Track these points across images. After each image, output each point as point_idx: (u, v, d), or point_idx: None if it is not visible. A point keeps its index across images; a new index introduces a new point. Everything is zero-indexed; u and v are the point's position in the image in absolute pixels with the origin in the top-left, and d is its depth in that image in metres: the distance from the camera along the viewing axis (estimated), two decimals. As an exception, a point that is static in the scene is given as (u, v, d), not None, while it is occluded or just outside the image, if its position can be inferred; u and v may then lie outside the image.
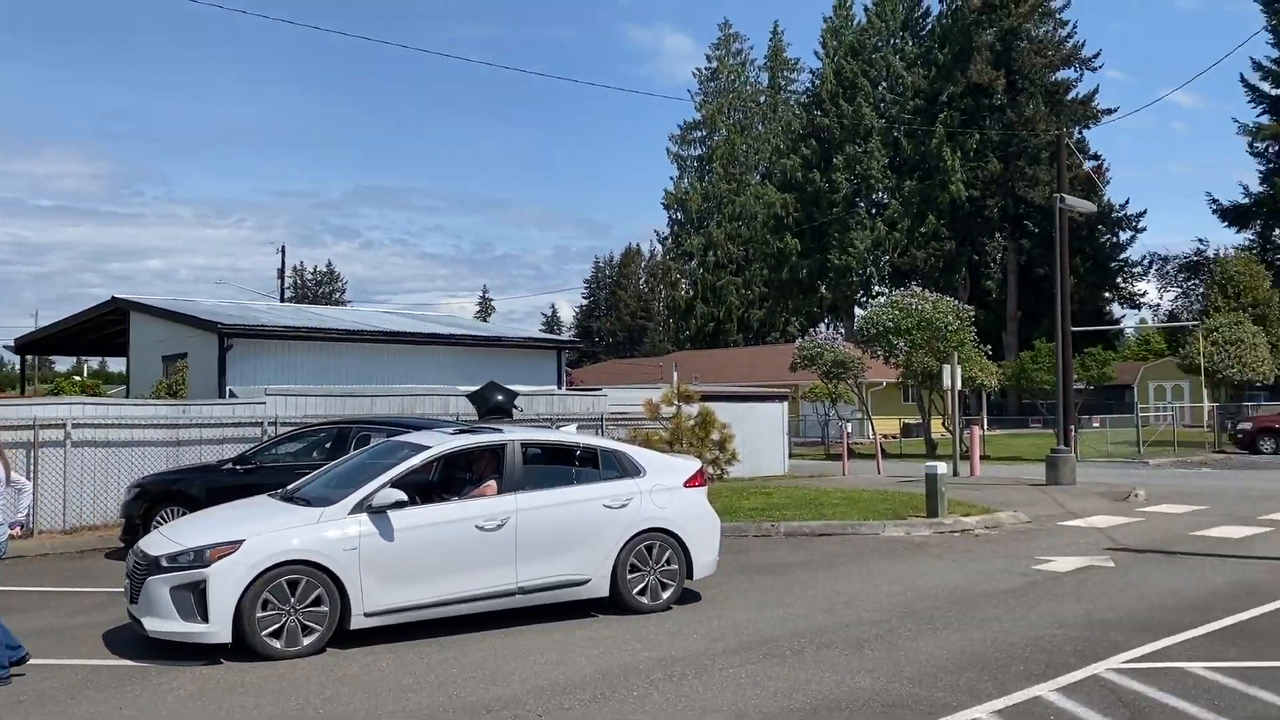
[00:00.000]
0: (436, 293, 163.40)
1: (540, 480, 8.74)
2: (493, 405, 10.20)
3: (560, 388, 21.76)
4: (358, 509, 7.88)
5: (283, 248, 55.16)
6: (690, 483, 9.30)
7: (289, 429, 14.71)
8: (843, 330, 58.06)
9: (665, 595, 8.86)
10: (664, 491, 9.02)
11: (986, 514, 14.33)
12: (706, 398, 22.11)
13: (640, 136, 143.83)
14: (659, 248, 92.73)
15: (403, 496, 7.93)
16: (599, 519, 8.66)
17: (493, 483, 8.52)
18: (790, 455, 37.94)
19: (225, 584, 7.35)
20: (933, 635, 7.70)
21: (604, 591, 8.66)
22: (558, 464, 9.11)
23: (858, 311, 35.96)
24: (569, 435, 9.60)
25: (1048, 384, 33.04)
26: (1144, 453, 32.75)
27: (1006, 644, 7.35)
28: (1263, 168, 55.75)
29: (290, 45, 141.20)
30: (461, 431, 9.21)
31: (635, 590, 8.75)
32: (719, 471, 16.42)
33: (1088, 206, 21.54)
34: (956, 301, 34.21)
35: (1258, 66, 55.20)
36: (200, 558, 7.46)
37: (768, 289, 75.24)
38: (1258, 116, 55.31)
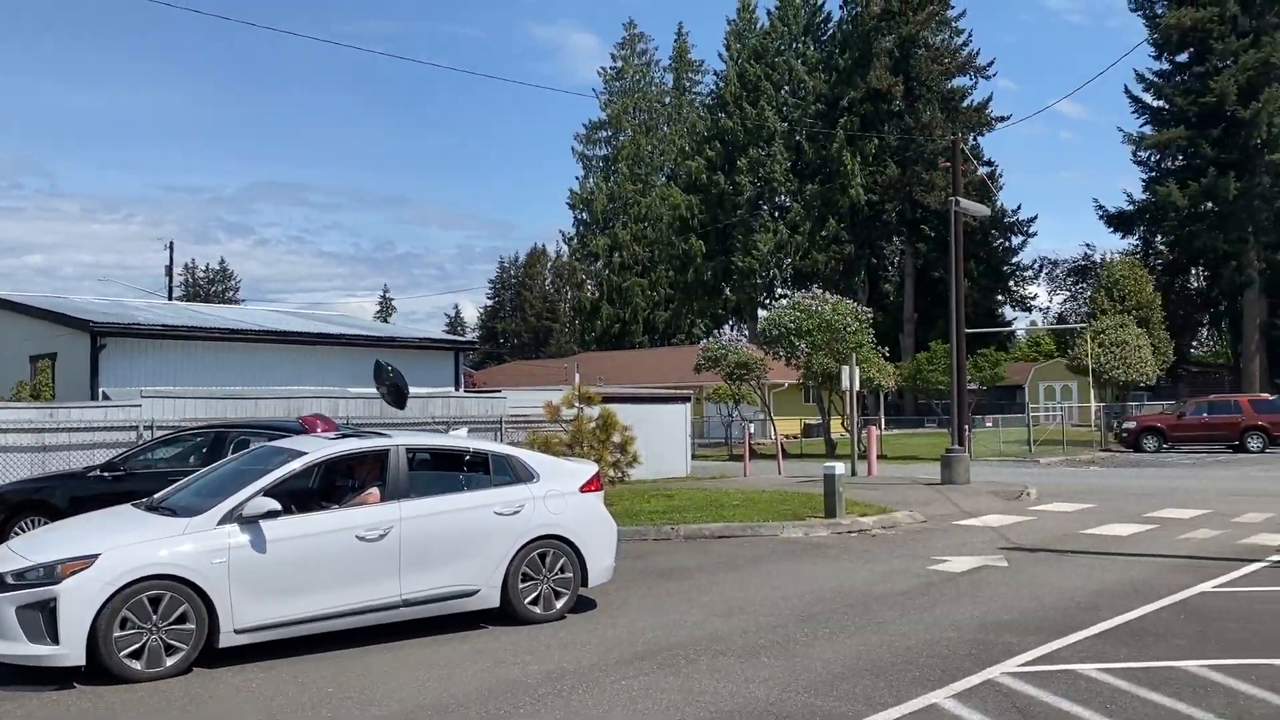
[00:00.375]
0: (335, 292, 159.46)
1: (427, 487, 8.34)
2: (390, 385, 9.78)
3: (458, 389, 21.25)
4: (227, 519, 7.38)
5: (170, 244, 53.20)
6: (586, 487, 9.01)
7: (165, 433, 13.94)
8: (746, 332, 58.59)
9: (559, 604, 8.56)
10: (558, 497, 8.71)
11: (883, 514, 14.40)
12: (609, 399, 21.84)
13: (545, 135, 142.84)
14: (565, 248, 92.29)
15: (276, 505, 7.45)
16: (489, 527, 8.31)
17: (375, 490, 8.09)
18: (694, 456, 37.98)
19: (78, 602, 6.78)
20: (829, 640, 7.57)
21: (494, 602, 8.31)
22: (446, 470, 8.73)
23: (761, 313, 36.16)
24: (459, 440, 9.23)
25: (943, 384, 33.75)
26: (1035, 452, 33.68)
27: (903, 648, 7.25)
28: (1145, 176, 58.10)
29: (182, 33, 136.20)
30: (344, 436, 8.75)
31: (527, 600, 8.42)
32: (620, 474, 16.18)
33: (982, 210, 21.97)
34: (856, 304, 34.71)
35: (1140, 78, 57.53)
36: (50, 574, 6.87)
37: (673, 290, 75.46)
38: (1141, 126, 57.67)
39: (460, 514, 8.24)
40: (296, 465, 7.93)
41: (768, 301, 65.66)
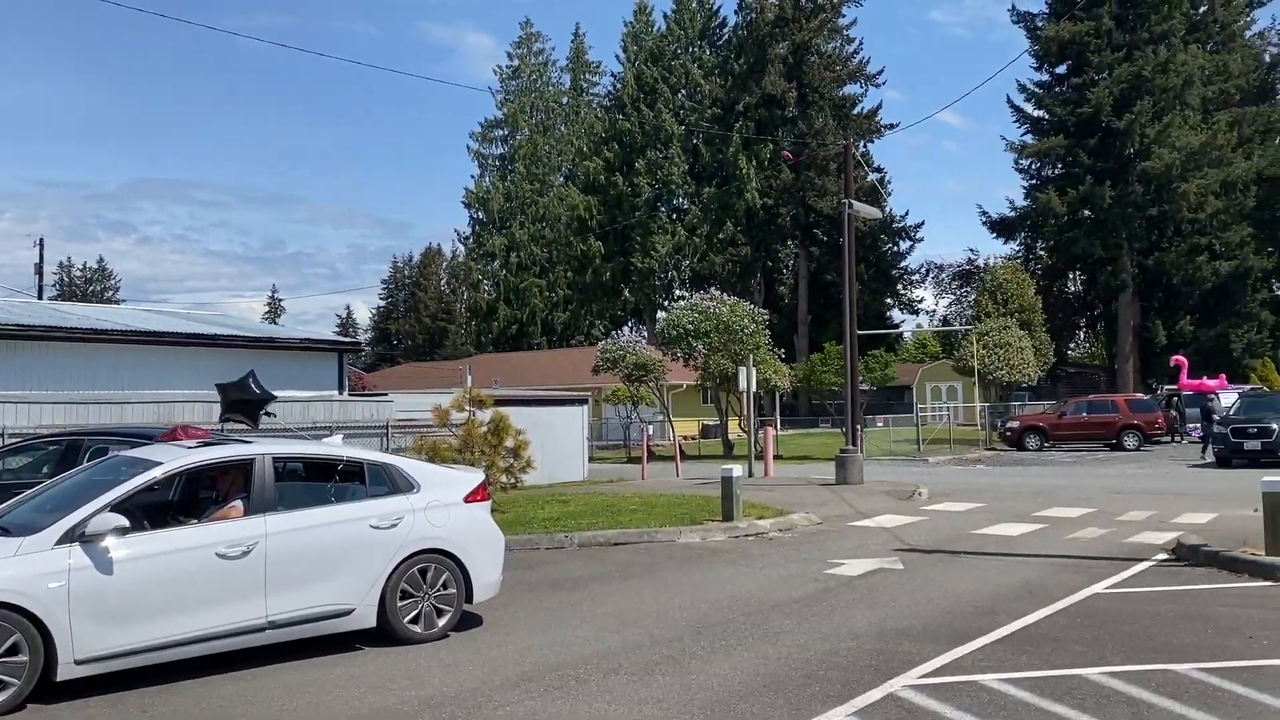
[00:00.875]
0: (222, 292, 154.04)
1: (296, 499, 7.73)
2: (232, 401, 8.99)
3: (342, 392, 20.39)
4: (67, 538, 6.65)
5: (40, 241, 50.38)
6: (471, 497, 8.52)
7: (15, 441, 12.86)
8: (645, 333, 58.45)
9: (441, 623, 8.04)
10: (440, 508, 8.19)
11: (780, 516, 14.24)
12: (503, 402, 21.26)
13: (441, 135, 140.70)
14: (460, 248, 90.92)
15: (124, 522, 6.75)
16: (364, 541, 7.74)
17: (239, 503, 7.45)
18: (592, 459, 37.57)
19: (-115, 637, 6.01)
20: (726, 654, 7.25)
21: (371, 622, 7.75)
22: (317, 480, 8.13)
23: (660, 314, 35.96)
24: (331, 448, 8.63)
25: (836, 385, 34.16)
26: (924, 451, 34.32)
27: (801, 660, 6.98)
28: (1027, 184, 60.13)
29: (57, 22, 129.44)
30: (205, 444, 8.06)
31: (407, 619, 7.88)
32: (513, 480, 15.66)
33: (873, 212, 22.17)
34: (752, 306, 34.84)
35: (1022, 88, 59.50)
36: None
37: (572, 291, 75.01)
38: (1022, 135, 59.66)
39: (333, 528, 7.66)
40: (150, 477, 7.24)
41: (666, 303, 65.69)
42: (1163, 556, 10.80)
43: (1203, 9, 58.07)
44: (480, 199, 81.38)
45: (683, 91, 68.22)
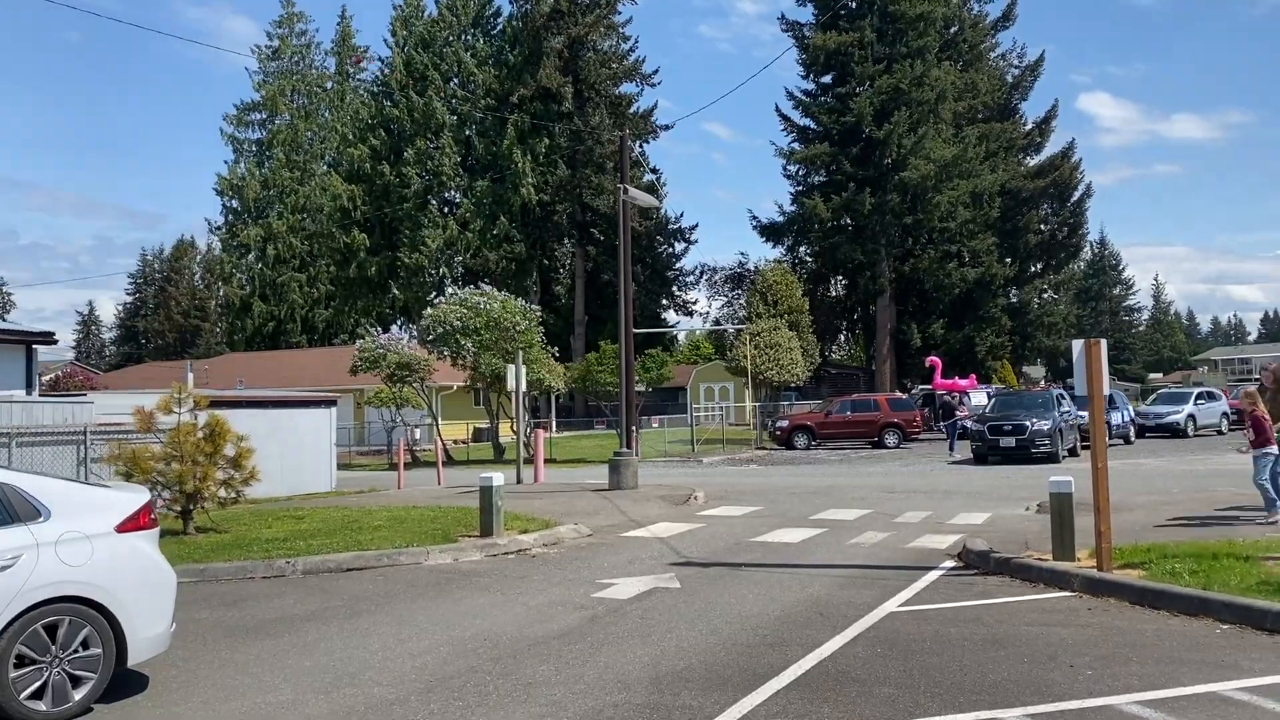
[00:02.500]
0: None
1: None
2: None
3: (31, 392, 17.17)
4: None
5: None
6: (128, 525, 6.46)
7: None
8: (415, 332, 55.69)
9: (79, 695, 5.97)
10: (79, 541, 6.11)
11: (546, 529, 12.74)
12: (231, 404, 18.71)
13: (200, 121, 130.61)
14: (216, 240, 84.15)
15: None
16: (-45, 592, 5.58)
17: None
18: (351, 466, 34.88)
19: None
20: (462, 721, 5.63)
21: (-32, 703, 5.60)
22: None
23: (426, 310, 33.73)
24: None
25: (611, 385, 33.15)
26: (698, 451, 33.94)
27: (557, 725, 5.47)
28: (794, 190, 61.81)
29: None
30: None
31: (25, 694, 5.77)
32: (232, 494, 13.34)
33: (650, 201, 21.14)
34: (525, 302, 33.28)
35: (790, 95, 61.09)
36: None
37: (334, 287, 70.78)
38: (790, 143, 61.27)
39: (-99, 577, 5.46)
40: None
41: (438, 301, 63.12)
42: (951, 564, 10.08)
43: (954, 29, 61.64)
44: (234, 186, 75.45)
45: (455, 80, 65.75)
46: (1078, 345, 9.17)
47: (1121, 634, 6.88)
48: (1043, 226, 64.90)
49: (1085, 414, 30.86)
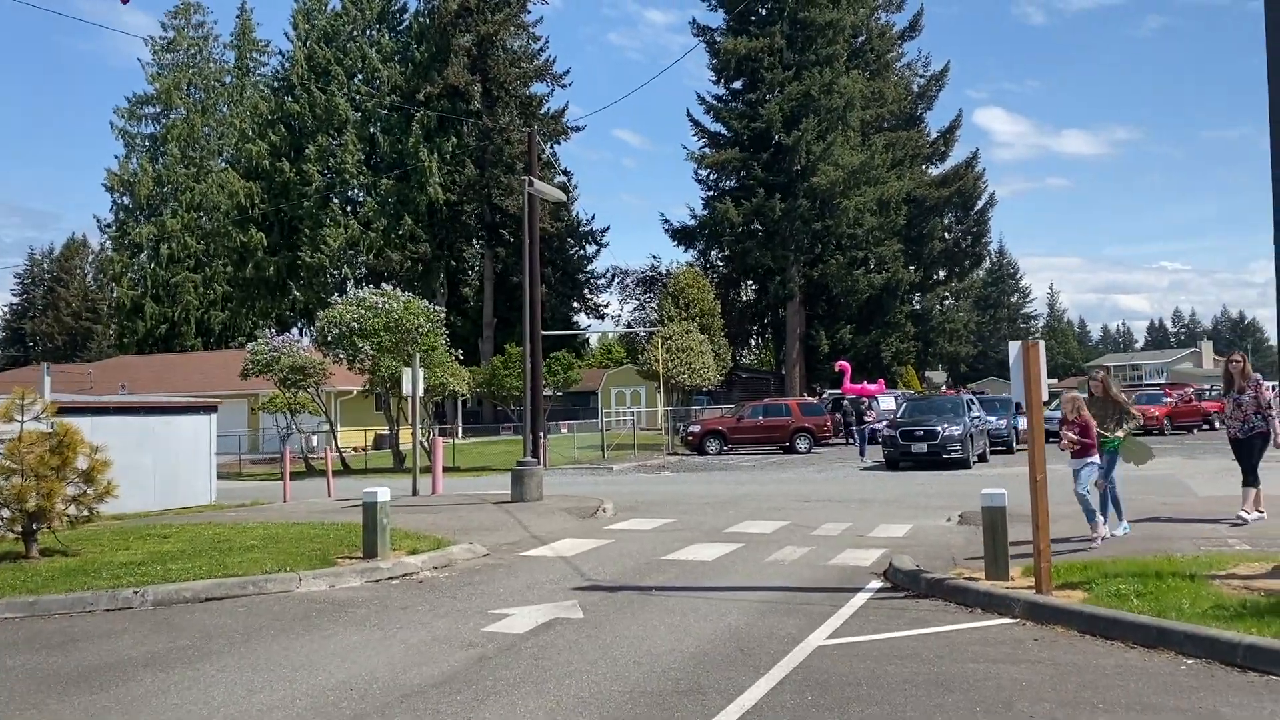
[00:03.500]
0: None
1: None
2: None
3: None
4: None
5: None
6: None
7: None
8: (312, 334, 53.56)
9: None
10: None
11: (438, 549, 11.60)
12: (97, 411, 17.12)
13: (93, 115, 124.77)
14: (109, 240, 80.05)
15: None
16: None
17: None
18: (241, 476, 33.01)
19: None
20: (306, 808, 4.54)
21: None
22: None
23: (322, 312, 32.10)
24: None
25: (518, 389, 31.97)
26: (608, 457, 32.99)
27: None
28: (705, 194, 61.47)
29: None
30: None
31: None
32: (84, 512, 11.88)
33: (556, 194, 20.14)
34: (428, 303, 31.91)
35: (701, 100, 60.76)
36: None
37: (231, 288, 67.98)
38: (702, 147, 60.83)
39: None
40: None
41: (335, 300, 61.03)
42: (878, 585, 9.29)
43: (861, 38, 62.09)
44: (125, 182, 71.90)
45: (359, 76, 63.73)
46: (1015, 347, 8.49)
47: (1079, 672, 6.12)
48: (947, 235, 65.87)
49: (995, 419, 30.91)
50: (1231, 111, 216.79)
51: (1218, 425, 41.67)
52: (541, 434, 29.10)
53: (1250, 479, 11.48)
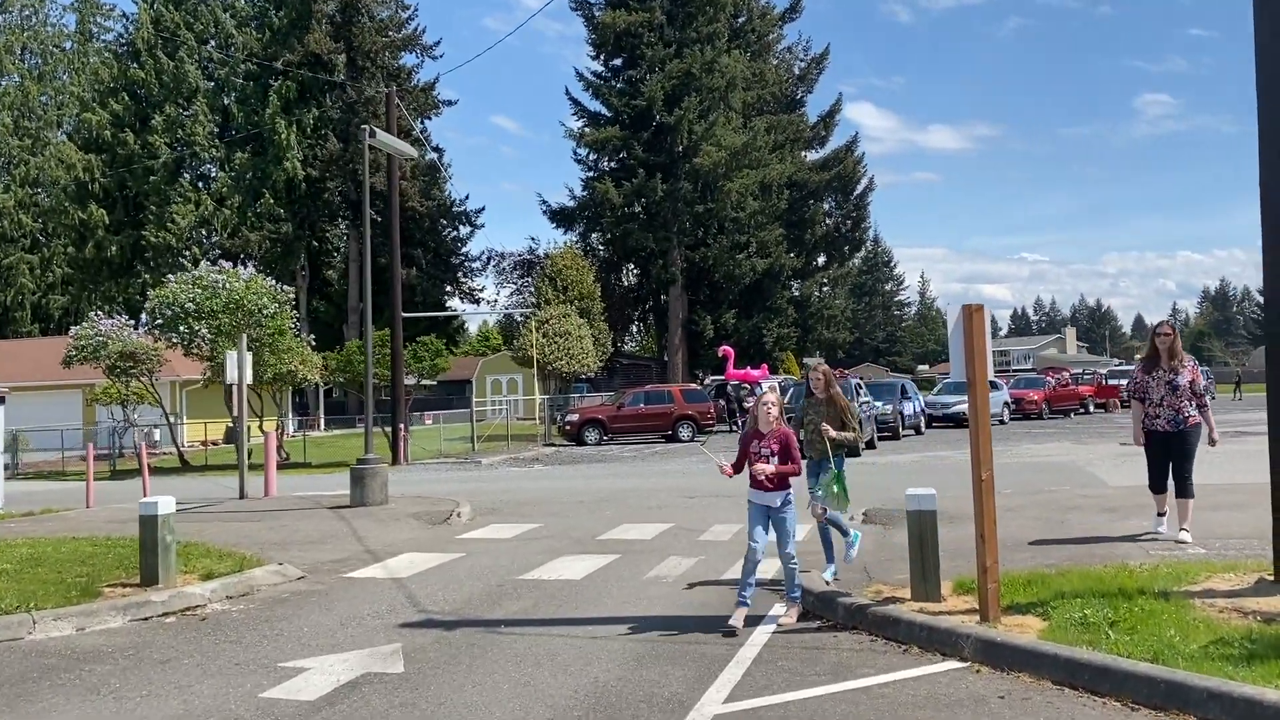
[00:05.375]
0: None
1: None
2: None
3: None
4: None
5: None
6: None
7: None
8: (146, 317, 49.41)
9: None
10: None
11: (239, 571, 9.29)
12: None
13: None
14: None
15: None
16: None
17: None
18: (63, 475, 29.50)
19: None
20: None
21: None
22: None
23: (153, 292, 28.77)
24: None
25: (378, 377, 29.38)
26: (479, 449, 30.77)
27: None
28: (585, 175, 59.39)
29: None
30: None
31: None
32: None
33: (404, 147, 17.82)
34: (275, 282, 28.92)
35: (580, 76, 58.64)
36: None
37: (72, 269, 62.57)
38: (582, 127, 58.67)
39: None
40: None
41: (168, 279, 56.73)
42: (781, 611, 7.48)
43: (742, 19, 60.96)
44: (-52, 153, 65.45)
45: (212, 42, 59.22)
46: (955, 311, 6.77)
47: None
48: (828, 220, 65.50)
49: (881, 404, 29.83)
50: (1085, 109, 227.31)
51: (1091, 409, 41.97)
52: (402, 426, 26.68)
53: (1186, 487, 9.09)
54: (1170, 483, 9.22)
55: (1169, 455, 9.15)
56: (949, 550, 7.89)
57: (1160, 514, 9.45)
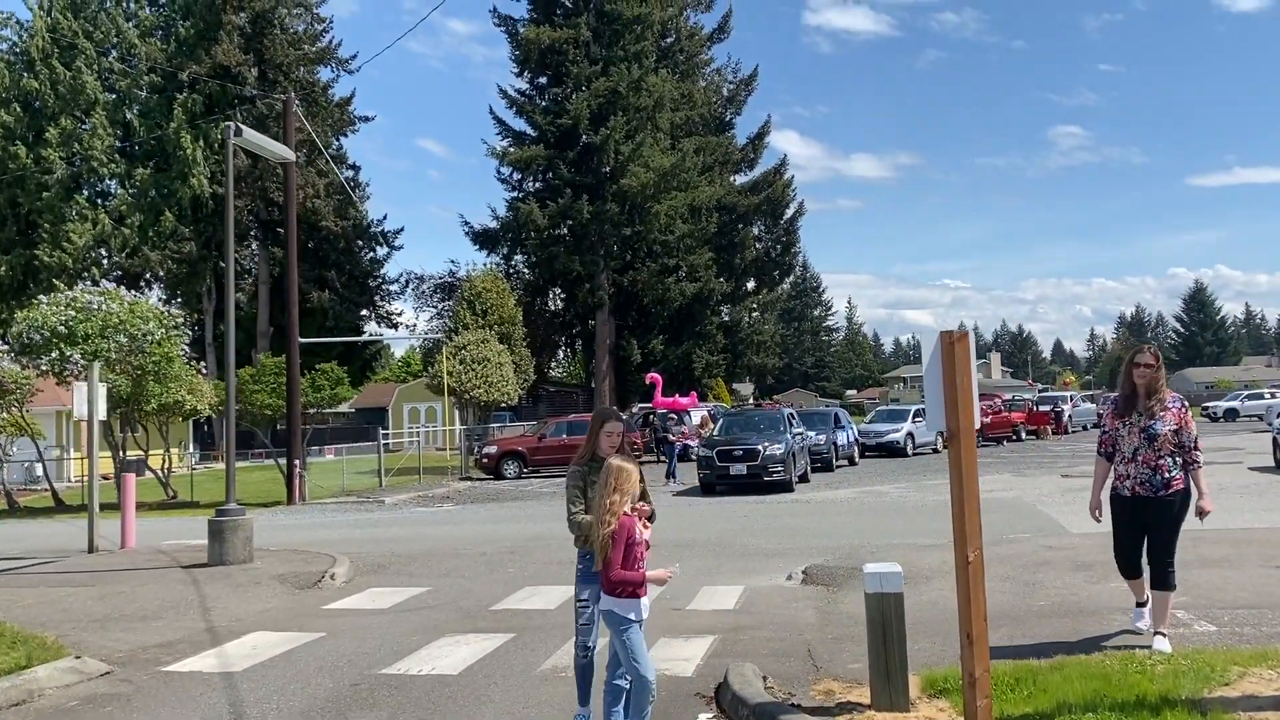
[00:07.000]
0: None
1: None
2: None
3: None
4: None
5: None
6: None
7: None
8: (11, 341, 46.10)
9: None
10: None
11: (20, 670, 7.26)
12: None
13: None
14: None
15: None
16: None
17: None
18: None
19: None
20: None
21: None
22: None
23: (20, 314, 26.12)
24: None
25: (270, 407, 27.12)
26: (386, 486, 28.60)
27: None
28: (509, 195, 57.53)
29: None
30: None
31: None
32: None
33: (279, 149, 15.92)
34: (163, 306, 26.61)
35: (504, 94, 56.90)
36: None
37: (-43, 291, 58.51)
38: (506, 146, 56.84)
39: None
40: None
41: (38, 300, 53.24)
42: (708, 718, 5.80)
43: (670, 39, 59.92)
44: None
45: (113, 53, 56.18)
46: (931, 341, 5.19)
47: None
48: (758, 244, 64.54)
49: (814, 434, 28.44)
50: (1000, 141, 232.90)
51: (1024, 436, 41.23)
52: (298, 462, 24.47)
53: (1166, 577, 6.65)
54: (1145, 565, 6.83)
55: (1142, 529, 6.74)
56: (909, 620, 6.25)
57: (1140, 604, 7.12)
